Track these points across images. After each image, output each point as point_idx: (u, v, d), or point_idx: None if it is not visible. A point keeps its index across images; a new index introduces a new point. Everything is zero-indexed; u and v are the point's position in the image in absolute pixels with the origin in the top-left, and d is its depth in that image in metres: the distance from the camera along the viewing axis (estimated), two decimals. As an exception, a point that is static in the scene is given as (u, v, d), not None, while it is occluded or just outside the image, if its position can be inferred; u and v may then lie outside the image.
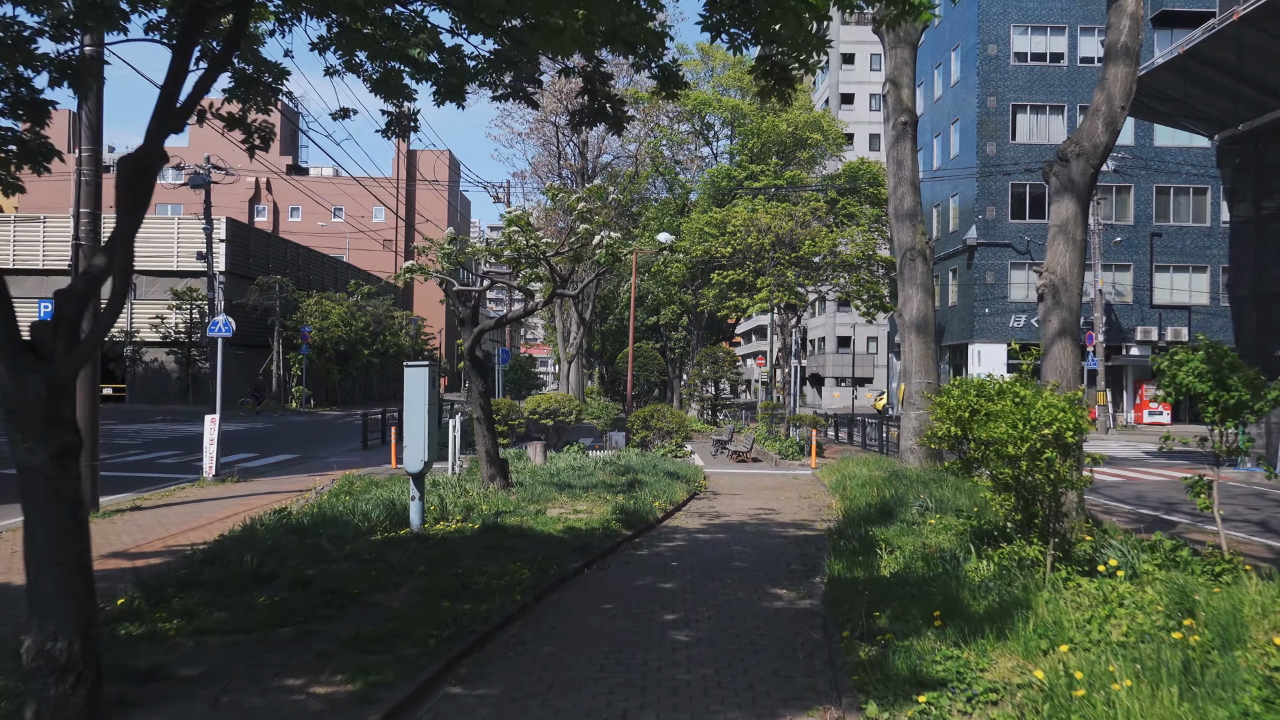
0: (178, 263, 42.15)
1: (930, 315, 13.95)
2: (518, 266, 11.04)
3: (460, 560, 8.00)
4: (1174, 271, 40.73)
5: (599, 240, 9.96)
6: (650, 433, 22.04)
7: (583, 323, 43.51)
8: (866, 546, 8.19)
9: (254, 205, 77.23)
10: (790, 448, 22.21)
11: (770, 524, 11.63)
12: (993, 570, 6.26)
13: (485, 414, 12.65)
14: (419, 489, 9.67)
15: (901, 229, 14.13)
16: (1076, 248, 9.01)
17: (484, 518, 10.05)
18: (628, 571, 8.56)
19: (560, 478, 14.46)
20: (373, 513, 9.96)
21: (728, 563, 9.01)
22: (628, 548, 9.72)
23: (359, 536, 9.27)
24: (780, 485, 16.57)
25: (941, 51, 46.14)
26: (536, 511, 10.85)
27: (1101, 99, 9.14)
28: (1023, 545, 6.05)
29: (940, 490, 10.93)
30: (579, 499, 12.17)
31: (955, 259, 42.00)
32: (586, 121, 5.72)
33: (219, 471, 16.34)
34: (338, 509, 10.81)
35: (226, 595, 6.73)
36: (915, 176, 14.13)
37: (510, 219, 10.26)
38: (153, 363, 42.76)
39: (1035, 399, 5.83)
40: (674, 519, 11.99)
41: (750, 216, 29.40)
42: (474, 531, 9.35)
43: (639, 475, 14.70)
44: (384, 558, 8.03)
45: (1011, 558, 6.09)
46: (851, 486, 13.08)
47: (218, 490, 14.97)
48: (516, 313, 11.83)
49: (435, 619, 6.01)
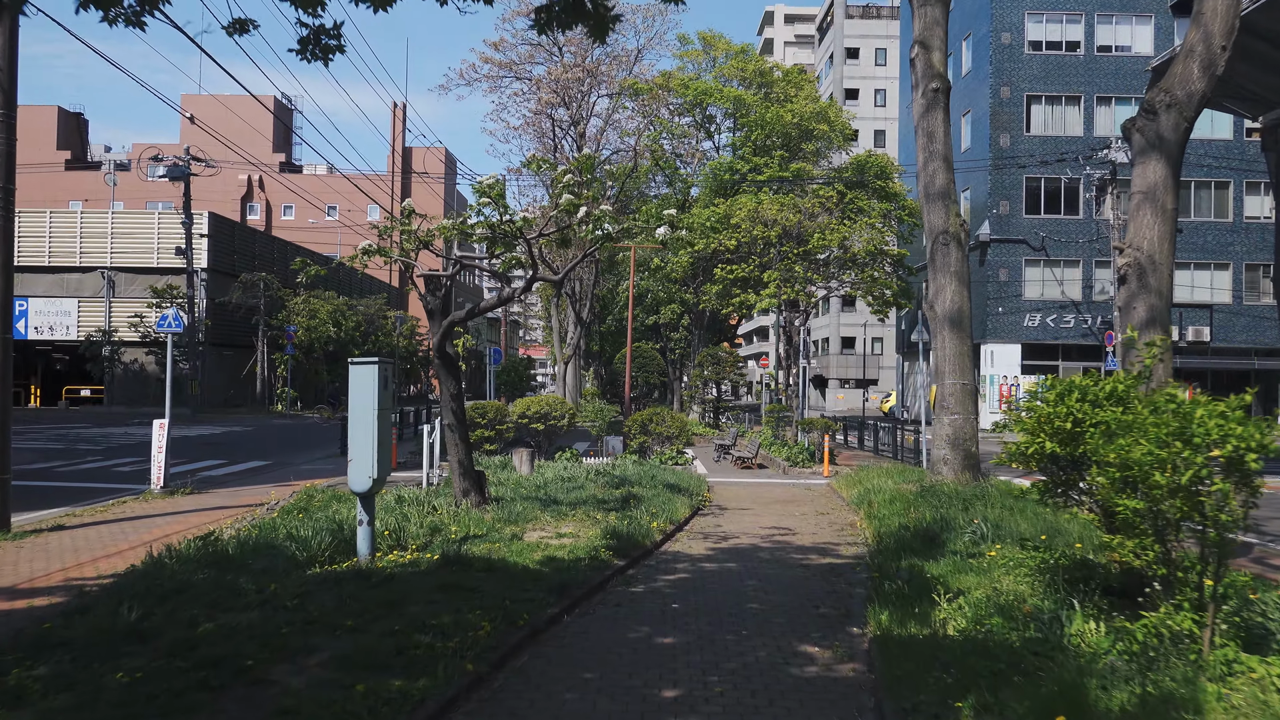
0: (158, 259, 40.49)
1: (966, 308, 12.29)
2: (493, 247, 9.38)
3: (406, 607, 6.34)
4: (1195, 269, 39.06)
5: (585, 213, 8.29)
6: (649, 438, 20.36)
7: (580, 322, 41.89)
8: (917, 588, 6.52)
9: (246, 203, 75.70)
10: (799, 454, 20.55)
11: (788, 548, 9.96)
12: (1109, 638, 4.58)
13: (458, 419, 10.98)
14: (367, 512, 8.00)
15: (933, 210, 12.46)
16: (1167, 219, 7.36)
17: (446, 546, 8.38)
18: (618, 618, 6.88)
19: (547, 490, 12.80)
20: (315, 539, 8.28)
21: (741, 603, 7.34)
22: (619, 582, 8.04)
23: (292, 571, 7.61)
24: (793, 498, 14.90)
25: (952, 40, 44.31)
26: (513, 536, 9.17)
27: (1197, 37, 7.50)
28: (1169, 612, 4.37)
29: (989, 510, 9.27)
30: (565, 518, 10.49)
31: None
32: (559, 20, 4.06)
33: (169, 483, 14.69)
34: (281, 531, 9.16)
35: (85, 665, 5.07)
36: (948, 150, 12.46)
37: (481, 189, 8.61)
38: (132, 363, 41.07)
39: (1192, 407, 4.15)
40: (675, 542, 10.31)
41: (755, 207, 27.72)
42: (431, 564, 7.68)
43: (635, 488, 13.03)
44: (310, 603, 6.37)
45: (1151, 629, 4.39)
46: (879, 503, 11.40)
47: (162, 505, 13.31)
48: (490, 302, 10.18)
49: (345, 712, 4.33)
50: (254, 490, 14.88)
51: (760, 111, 39.06)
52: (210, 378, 40.75)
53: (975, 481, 11.80)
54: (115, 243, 40.88)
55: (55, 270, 40.84)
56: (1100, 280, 38.30)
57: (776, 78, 42.10)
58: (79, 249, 40.80)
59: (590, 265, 40.26)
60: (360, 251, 9.57)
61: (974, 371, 12.26)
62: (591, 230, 8.69)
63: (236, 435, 28.75)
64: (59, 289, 40.96)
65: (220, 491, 15.01)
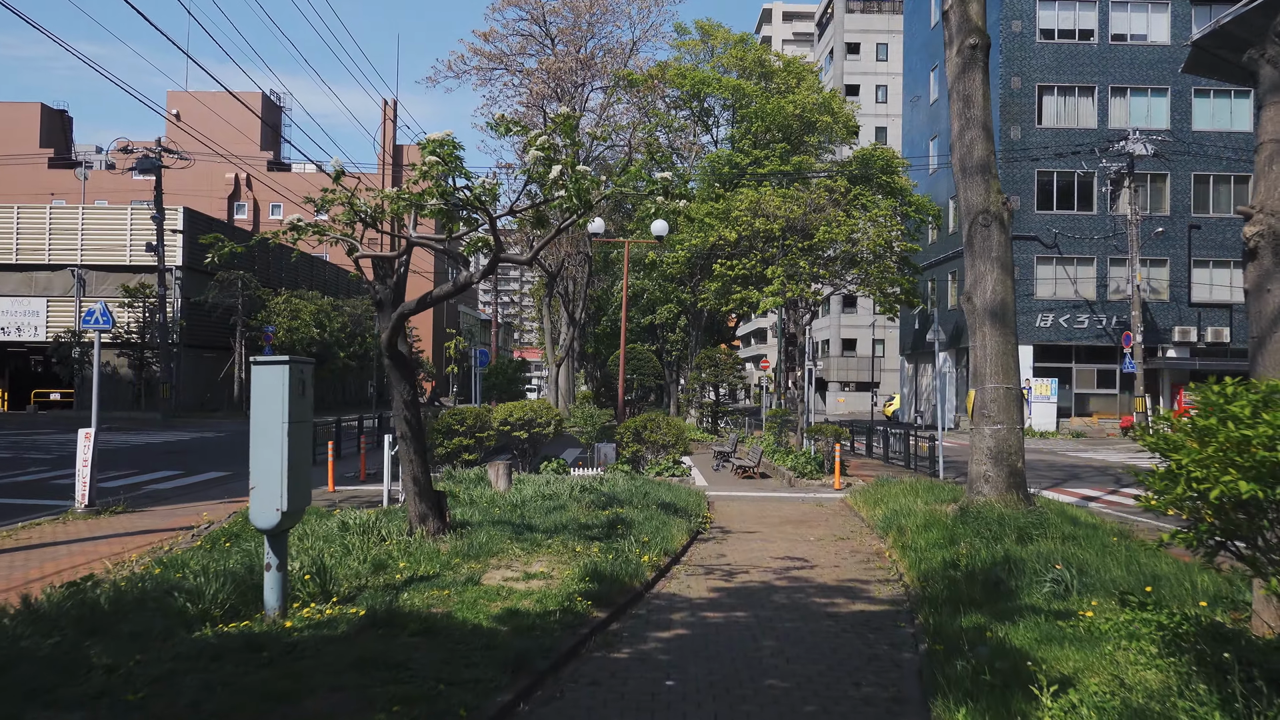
0: (131, 256, 38.66)
1: (1010, 299, 10.54)
2: (449, 224, 7.64)
3: (300, 699, 4.58)
4: (1214, 267, 37.39)
5: (559, 173, 6.55)
6: (642, 446, 18.60)
7: (573, 323, 40.08)
8: (1000, 669, 4.77)
9: (233, 202, 73.93)
10: (806, 463, 18.79)
11: (807, 589, 8.20)
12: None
13: (414, 430, 9.22)
14: (276, 554, 6.24)
15: (970, 186, 10.72)
16: (1310, 174, 5.63)
17: (376, 597, 6.61)
18: (594, 706, 5.13)
19: (523, 512, 11.04)
20: (211, 587, 6.49)
21: (758, 678, 5.59)
22: (599, 643, 6.28)
23: (173, 633, 5.86)
24: (805, 516, 13.15)
25: (959, 30, 42.80)
26: (468, 578, 7.39)
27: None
28: None
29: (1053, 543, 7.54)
30: (538, 551, 8.73)
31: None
32: None
33: (97, 500, 12.93)
34: (192, 569, 7.41)
35: None
36: (987, 117, 10.72)
37: (429, 145, 6.87)
38: (104, 366, 39.17)
39: None
40: (670, 579, 8.56)
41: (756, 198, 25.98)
42: (353, 624, 5.91)
43: (625, 508, 11.27)
44: (165, 694, 4.61)
45: None
46: (911, 529, 9.64)
47: (79, 528, 11.54)
48: (444, 290, 8.46)
49: None
50: (197, 508, 13.12)
51: (760, 102, 37.38)
52: (186, 381, 38.91)
53: (1024, 503, 10.06)
54: (86, 239, 39.05)
55: (23, 268, 39.03)
56: (1115, 279, 36.65)
57: (777, 68, 40.42)
58: (48, 245, 38.98)
59: (583, 263, 38.51)
60: (288, 226, 7.81)
61: (1018, 373, 10.52)
62: (570, 198, 6.94)
63: (205, 442, 26.97)
64: (27, 288, 39.13)
65: (158, 510, 13.25)
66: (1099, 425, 36.80)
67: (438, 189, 7.17)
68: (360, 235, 8.84)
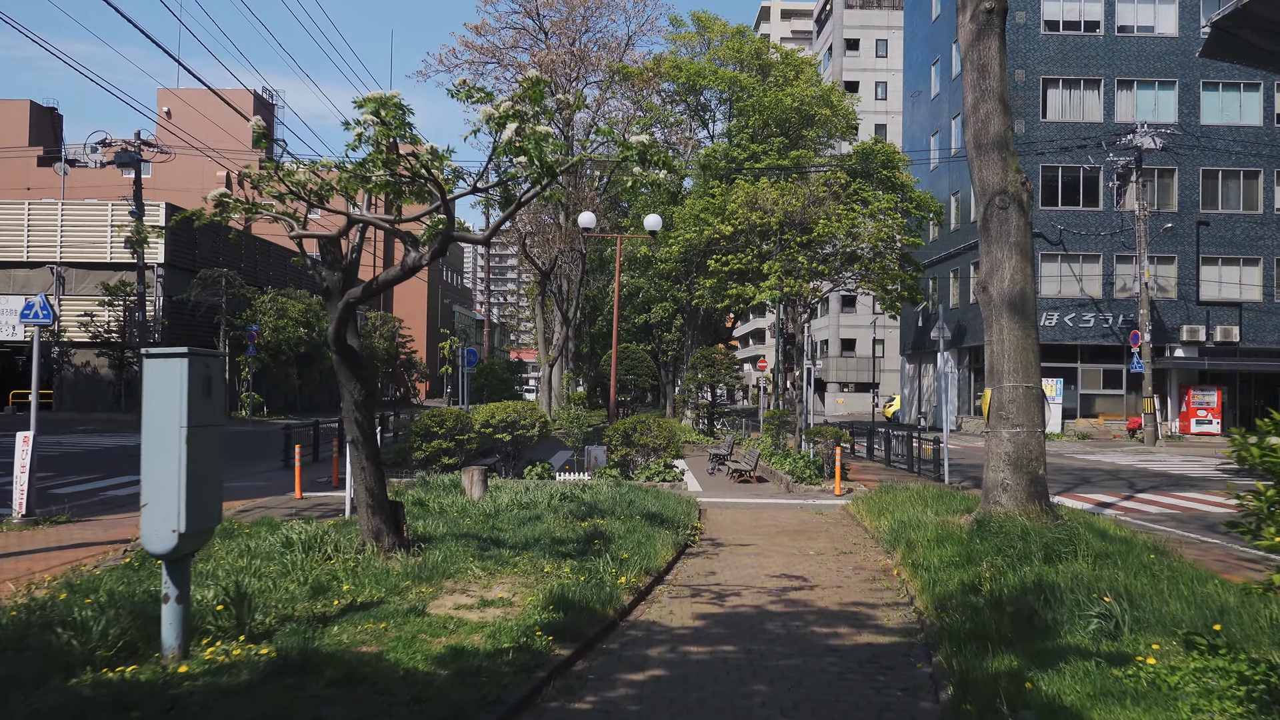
0: (111, 254, 37.62)
1: (1029, 289, 9.54)
2: (395, 196, 6.66)
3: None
4: (1223, 264, 36.44)
5: (514, 131, 5.55)
6: (632, 450, 17.60)
7: (566, 322, 39.08)
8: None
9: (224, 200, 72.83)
10: (804, 467, 17.79)
11: (806, 615, 7.20)
12: None
13: (364, 433, 8.22)
14: (176, 583, 5.24)
15: (986, 165, 9.73)
16: None
17: (299, 632, 5.60)
18: (541, 778, 4.13)
19: (495, 523, 10.06)
20: (95, 623, 5.46)
21: (745, 738, 4.60)
22: (556, 690, 5.27)
23: (46, 678, 4.86)
24: (803, 526, 12.15)
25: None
26: (413, 606, 6.38)
27: None
28: None
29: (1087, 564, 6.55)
30: (502, 570, 7.72)
31: (978, 251, 37.68)
32: None
33: (36, 509, 11.94)
34: (97, 594, 6.43)
35: None
36: (1004, 89, 9.74)
37: (368, 104, 5.88)
38: (84, 366, 38.14)
39: None
40: (651, 604, 7.55)
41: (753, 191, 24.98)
42: (259, 670, 4.90)
43: (605, 519, 10.27)
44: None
45: None
46: (922, 544, 8.64)
47: (6, 540, 10.54)
48: (392, 273, 7.48)
49: None
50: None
51: (758, 95, 36.40)
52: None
53: (1047, 514, 9.06)
54: (65, 236, 38.00)
55: (1, 265, 37.98)
56: (1122, 276, 35.67)
57: (775, 60, 39.46)
58: (26, 242, 37.94)
59: (577, 261, 37.51)
60: (210, 200, 6.81)
61: (1039, 370, 9.52)
62: (530, 165, 5.95)
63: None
64: (4, 285, 38.07)
65: (104, 520, 12.25)
66: (1105, 426, 35.83)
67: (380, 157, 6.17)
68: (303, 215, 7.85)
